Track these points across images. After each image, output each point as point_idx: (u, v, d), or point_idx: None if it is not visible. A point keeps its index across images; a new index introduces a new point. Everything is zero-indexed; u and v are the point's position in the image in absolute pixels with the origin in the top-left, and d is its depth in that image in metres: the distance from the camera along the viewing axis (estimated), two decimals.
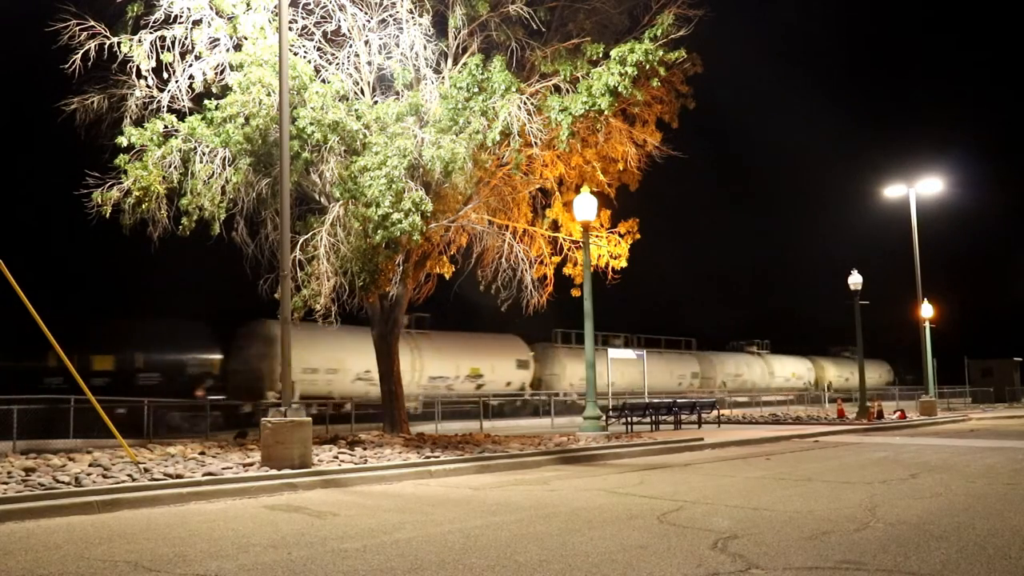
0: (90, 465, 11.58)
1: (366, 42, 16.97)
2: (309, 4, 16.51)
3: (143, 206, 15.47)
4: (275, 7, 15.20)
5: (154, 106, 16.17)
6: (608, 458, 15.42)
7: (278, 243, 14.36)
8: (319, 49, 17.03)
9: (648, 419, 23.11)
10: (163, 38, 15.84)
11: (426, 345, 31.01)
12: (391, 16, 16.62)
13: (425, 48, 16.67)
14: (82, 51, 15.37)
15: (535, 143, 15.80)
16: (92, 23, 15.50)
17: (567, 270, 20.01)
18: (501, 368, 33.76)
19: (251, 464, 11.90)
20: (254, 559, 6.61)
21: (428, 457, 13.54)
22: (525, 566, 6.21)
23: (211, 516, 8.86)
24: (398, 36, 16.63)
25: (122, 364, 24.59)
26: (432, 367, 30.86)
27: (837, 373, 55.91)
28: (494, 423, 27.69)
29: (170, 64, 15.97)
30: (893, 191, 34.54)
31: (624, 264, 19.85)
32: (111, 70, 15.88)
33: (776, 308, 76.95)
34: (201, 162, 15.74)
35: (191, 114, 16.16)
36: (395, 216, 14.60)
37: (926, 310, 35.77)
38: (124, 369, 24.49)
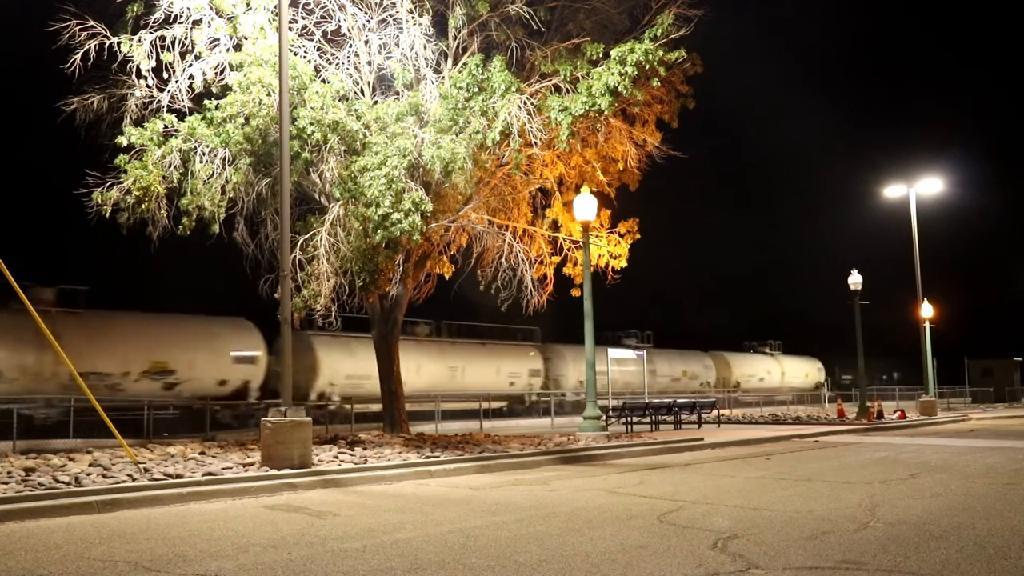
0: (90, 465, 11.57)
1: (366, 42, 16.98)
2: (309, 4, 16.51)
3: (143, 206, 15.47)
4: (275, 7, 15.20)
5: (154, 106, 16.18)
6: (608, 458, 15.42)
7: (278, 243, 14.36)
8: (319, 49, 17.04)
9: (648, 419, 23.11)
10: (163, 38, 15.85)
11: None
12: (391, 16, 16.63)
13: (425, 48, 16.67)
14: (82, 51, 15.38)
15: (535, 143, 15.80)
16: (92, 23, 15.51)
17: (567, 270, 20.01)
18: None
19: (251, 464, 11.90)
20: (254, 559, 6.61)
21: (428, 457, 13.54)
22: (525, 566, 6.21)
23: (211, 516, 8.86)
24: (398, 36, 16.64)
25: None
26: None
27: (749, 372, 49.40)
28: (494, 423, 27.69)
29: (170, 64, 15.97)
30: (893, 191, 34.55)
31: (624, 264, 19.86)
32: (111, 70, 15.90)
33: (776, 308, 76.97)
34: (201, 162, 15.75)
35: (191, 114, 16.17)
36: (395, 216, 14.60)
37: (926, 310, 35.78)
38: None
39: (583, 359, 20.56)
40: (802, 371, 53.44)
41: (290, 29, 15.01)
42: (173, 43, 15.89)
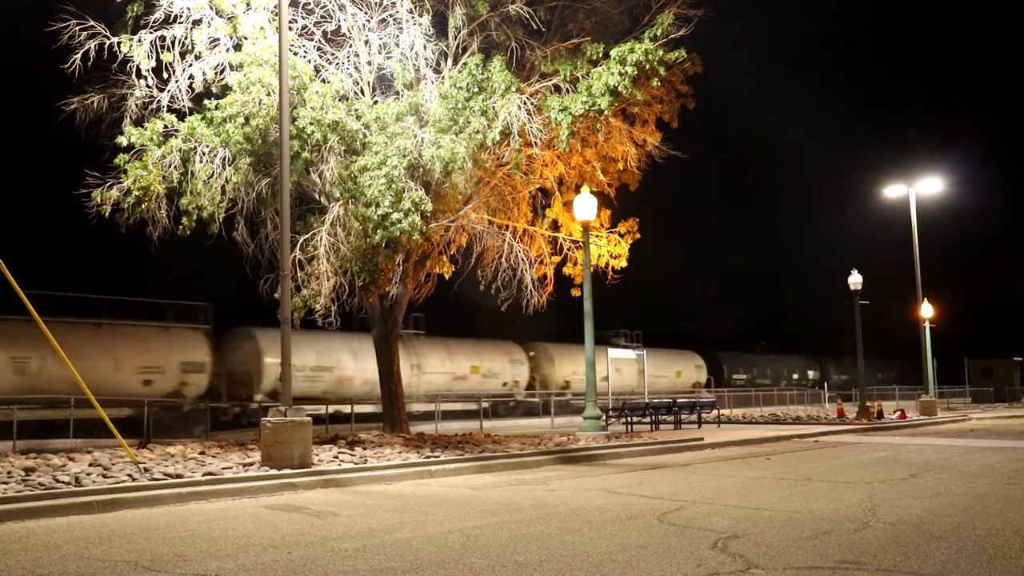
0: (90, 465, 11.57)
1: (366, 42, 16.98)
2: (309, 4, 16.51)
3: (143, 206, 15.48)
4: (275, 7, 15.20)
5: (154, 106, 16.17)
6: (608, 458, 15.42)
7: (278, 243, 14.35)
8: (319, 49, 17.04)
9: (648, 419, 23.12)
10: (163, 38, 15.84)
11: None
12: (391, 16, 16.63)
13: (425, 48, 16.67)
14: (82, 51, 15.37)
15: (535, 143, 15.80)
16: (92, 23, 15.51)
17: (567, 270, 20.01)
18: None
19: (251, 464, 11.90)
20: (254, 559, 6.61)
21: (428, 457, 13.54)
22: (525, 566, 6.21)
23: (211, 516, 8.86)
24: (398, 36, 16.64)
25: None
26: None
27: (572, 369, 37.00)
28: (494, 423, 27.69)
29: (170, 64, 15.97)
30: (893, 191, 34.55)
31: (624, 264, 19.86)
32: (111, 70, 15.89)
33: (776, 308, 77.01)
34: (201, 162, 15.74)
35: (191, 114, 16.16)
36: (395, 216, 14.61)
37: (926, 310, 35.78)
38: None
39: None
40: (670, 369, 43.51)
41: (290, 29, 15.01)
42: (173, 43, 15.89)
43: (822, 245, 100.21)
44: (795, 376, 54.54)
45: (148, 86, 16.04)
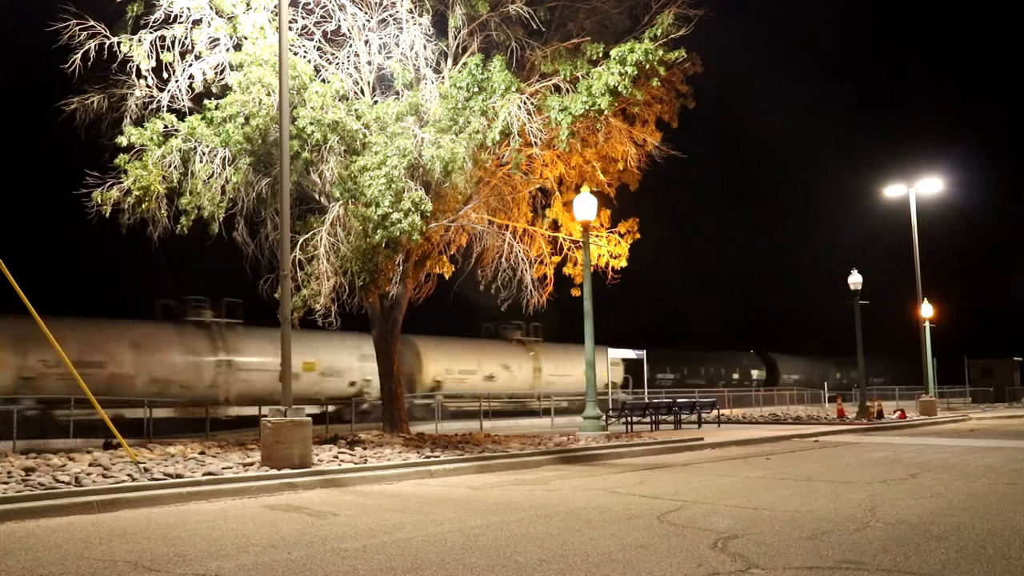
0: (90, 465, 11.57)
1: (366, 42, 16.97)
2: (309, 4, 16.50)
3: (143, 206, 15.47)
4: (275, 7, 15.19)
5: (154, 106, 16.17)
6: (608, 458, 15.42)
7: (278, 243, 14.35)
8: (319, 49, 17.04)
9: (648, 419, 23.14)
10: (163, 38, 15.84)
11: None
12: (391, 16, 16.62)
13: (425, 48, 16.67)
14: (82, 51, 15.37)
15: (535, 143, 15.80)
16: (92, 23, 15.50)
17: (567, 270, 20.00)
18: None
19: (251, 464, 11.89)
20: (254, 559, 6.61)
21: (428, 457, 13.54)
22: (525, 566, 6.21)
23: (211, 516, 8.87)
24: (398, 36, 16.63)
25: None
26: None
27: (462, 368, 31.69)
28: (494, 423, 27.67)
29: (170, 64, 15.97)
30: (893, 191, 34.54)
31: (624, 264, 19.85)
32: (111, 70, 15.89)
33: (776, 308, 76.97)
34: (201, 162, 15.74)
35: (191, 114, 16.16)
36: (395, 216, 14.61)
37: (926, 310, 35.78)
38: None
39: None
40: (576, 367, 33.22)
41: (290, 29, 15.00)
42: (173, 43, 15.89)
43: (822, 245, 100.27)
44: (735, 376, 51.25)
45: (148, 86, 16.03)
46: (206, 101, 16.10)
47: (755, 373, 51.69)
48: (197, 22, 15.94)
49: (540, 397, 31.82)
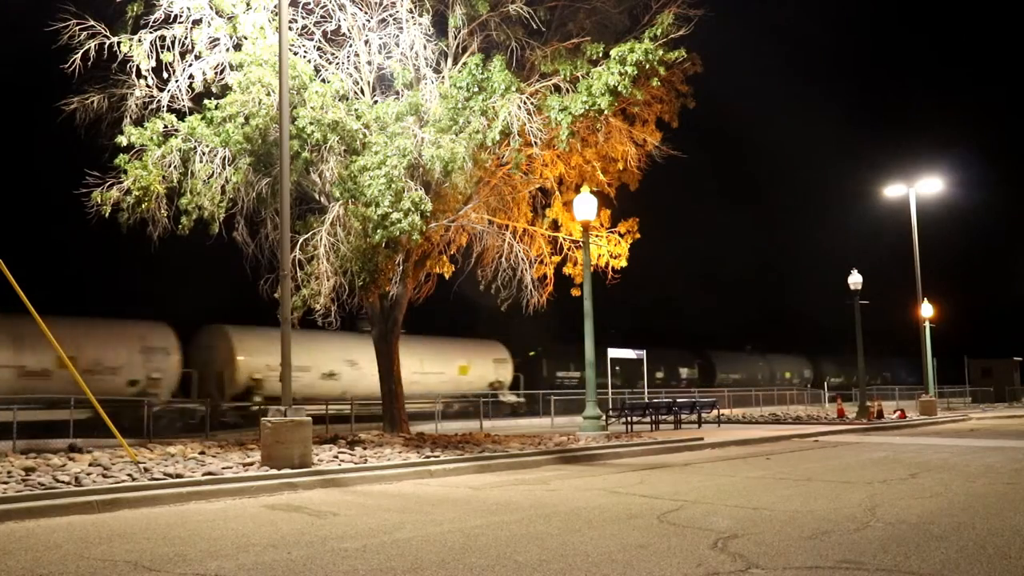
0: (90, 465, 11.57)
1: (366, 42, 16.97)
2: (309, 4, 16.50)
3: (143, 206, 15.47)
4: (275, 7, 15.19)
5: (154, 106, 16.17)
6: (608, 458, 15.42)
7: (278, 243, 14.36)
8: (319, 49, 17.04)
9: (648, 419, 23.14)
10: (163, 38, 15.84)
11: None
12: (391, 16, 16.63)
13: (425, 48, 16.67)
14: (82, 51, 15.36)
15: (535, 143, 15.80)
16: (92, 23, 15.50)
17: (567, 270, 20.01)
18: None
19: (251, 464, 11.90)
20: (254, 559, 6.61)
21: (428, 457, 13.54)
22: (525, 566, 6.21)
23: (211, 516, 8.87)
24: (398, 36, 16.64)
25: None
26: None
27: (266, 362, 25.87)
28: (494, 423, 27.67)
29: (170, 64, 15.97)
30: (893, 191, 34.54)
31: (624, 264, 19.85)
32: (111, 70, 15.88)
33: (775, 307, 76.95)
34: (201, 162, 15.74)
35: (191, 114, 16.16)
36: (395, 216, 14.61)
37: (926, 310, 35.78)
38: None
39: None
40: (450, 364, 31.97)
41: (290, 29, 15.01)
42: (173, 43, 15.89)
43: (822, 244, 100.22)
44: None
45: (148, 86, 16.03)
46: (206, 101, 16.10)
47: (684, 372, 47.55)
48: (197, 22, 15.94)
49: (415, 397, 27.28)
